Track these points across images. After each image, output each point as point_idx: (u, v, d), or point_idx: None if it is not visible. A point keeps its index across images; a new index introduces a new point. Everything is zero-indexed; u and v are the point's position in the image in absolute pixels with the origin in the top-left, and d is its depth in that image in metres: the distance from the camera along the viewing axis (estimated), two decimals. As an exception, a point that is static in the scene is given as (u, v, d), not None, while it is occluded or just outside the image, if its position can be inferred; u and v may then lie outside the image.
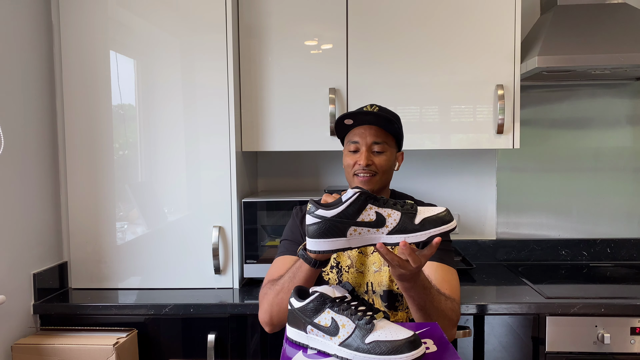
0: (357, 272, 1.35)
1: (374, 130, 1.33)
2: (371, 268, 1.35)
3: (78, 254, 1.90)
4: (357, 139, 1.34)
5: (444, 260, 1.35)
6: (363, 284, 1.34)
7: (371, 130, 1.33)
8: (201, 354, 1.73)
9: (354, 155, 1.35)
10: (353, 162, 1.34)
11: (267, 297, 1.26)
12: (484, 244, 2.29)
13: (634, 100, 2.25)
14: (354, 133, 1.35)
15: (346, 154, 1.37)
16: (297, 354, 0.94)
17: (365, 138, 1.33)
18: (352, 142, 1.35)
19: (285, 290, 1.20)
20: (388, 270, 1.34)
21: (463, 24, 1.91)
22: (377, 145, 1.33)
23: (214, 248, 1.84)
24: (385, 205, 0.97)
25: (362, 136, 1.33)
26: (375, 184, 1.34)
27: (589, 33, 1.91)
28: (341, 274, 1.35)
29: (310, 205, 0.99)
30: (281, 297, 1.22)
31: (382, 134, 1.34)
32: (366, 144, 1.33)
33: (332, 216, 0.96)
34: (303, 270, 1.16)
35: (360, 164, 1.32)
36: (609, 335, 1.65)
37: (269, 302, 1.25)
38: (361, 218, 0.96)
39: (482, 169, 2.30)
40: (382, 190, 1.39)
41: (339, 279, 1.35)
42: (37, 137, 1.82)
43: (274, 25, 1.94)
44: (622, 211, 2.28)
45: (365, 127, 1.34)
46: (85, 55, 1.85)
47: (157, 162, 1.86)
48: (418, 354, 0.85)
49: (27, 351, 1.63)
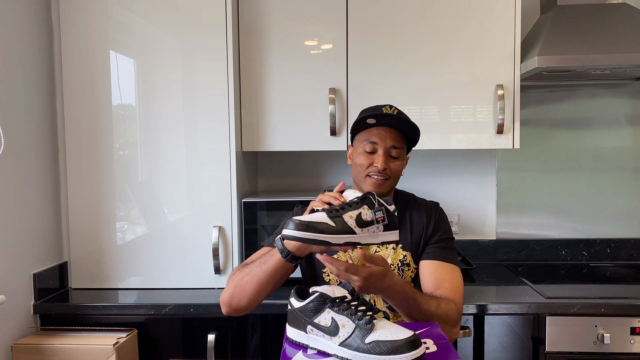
0: None
1: (394, 134, 1.32)
2: None
3: (78, 254, 1.90)
4: (376, 140, 1.32)
5: (446, 258, 1.35)
6: None
7: (391, 134, 1.32)
8: (201, 354, 1.73)
9: (370, 156, 1.33)
10: (368, 163, 1.33)
11: (233, 279, 1.26)
12: (484, 244, 2.29)
13: (634, 100, 2.25)
14: (372, 133, 1.33)
15: (360, 152, 1.35)
16: (297, 354, 0.95)
17: (385, 141, 1.32)
18: (370, 142, 1.33)
19: (252, 275, 1.21)
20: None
21: (463, 24, 1.91)
22: (395, 150, 1.33)
23: (214, 248, 1.84)
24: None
25: (382, 138, 1.32)
26: (386, 187, 1.35)
27: (589, 33, 1.91)
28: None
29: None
30: (246, 280, 1.22)
31: (401, 139, 1.34)
32: (385, 147, 1.32)
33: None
34: (274, 259, 1.17)
35: (377, 167, 1.31)
36: (609, 335, 1.65)
37: (233, 283, 1.26)
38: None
39: (482, 169, 2.30)
40: (388, 193, 1.40)
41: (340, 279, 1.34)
42: (37, 137, 1.82)
43: (274, 25, 1.94)
44: (622, 211, 2.28)
45: (385, 128, 1.33)
46: (85, 55, 1.85)
47: (157, 162, 1.86)
48: (418, 354, 0.85)
49: (27, 351, 1.63)
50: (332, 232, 1.01)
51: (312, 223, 1.01)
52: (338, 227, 1.01)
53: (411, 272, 1.36)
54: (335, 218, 1.03)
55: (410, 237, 1.38)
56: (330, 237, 1.00)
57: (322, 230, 1.00)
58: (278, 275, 1.20)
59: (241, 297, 1.24)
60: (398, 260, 1.36)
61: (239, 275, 1.25)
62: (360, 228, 1.03)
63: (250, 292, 1.23)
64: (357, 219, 1.03)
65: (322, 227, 1.01)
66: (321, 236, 1.00)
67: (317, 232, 1.00)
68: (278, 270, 1.19)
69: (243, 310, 1.27)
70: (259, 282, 1.21)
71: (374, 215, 1.04)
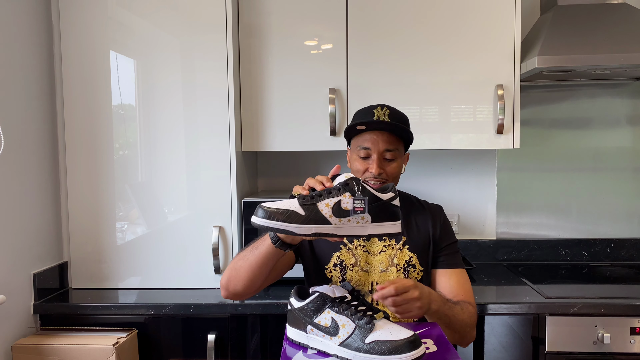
0: (361, 270, 1.35)
1: (386, 136, 1.32)
2: (377, 268, 1.34)
3: (78, 254, 1.90)
4: (369, 145, 1.32)
5: (455, 263, 1.40)
6: (367, 283, 1.34)
7: (383, 137, 1.31)
8: (201, 354, 1.73)
9: (365, 162, 1.33)
10: (364, 169, 1.32)
11: (231, 263, 1.28)
12: (484, 244, 2.29)
13: (634, 100, 2.25)
14: (365, 138, 1.33)
15: (355, 158, 1.35)
16: (297, 354, 0.94)
17: (378, 145, 1.31)
18: (362, 147, 1.32)
19: (245, 259, 1.22)
20: (395, 270, 1.34)
21: (463, 24, 1.91)
22: (389, 152, 1.32)
23: (214, 248, 1.84)
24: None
25: (375, 143, 1.31)
26: None
27: (589, 33, 1.91)
28: (345, 271, 1.34)
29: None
30: (240, 264, 1.23)
31: (394, 140, 1.33)
32: (378, 151, 1.31)
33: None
34: (265, 244, 1.17)
35: (371, 172, 1.30)
36: (609, 335, 1.65)
37: (230, 267, 1.27)
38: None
39: (482, 169, 2.30)
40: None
41: (343, 276, 1.34)
42: (37, 137, 1.82)
43: (274, 25, 1.94)
44: (622, 211, 2.28)
45: (377, 133, 1.32)
46: (85, 55, 1.85)
47: (157, 162, 1.86)
48: (418, 354, 0.85)
49: (27, 351, 1.62)
50: (298, 221, 0.93)
51: (277, 210, 0.95)
52: (307, 215, 0.94)
53: (417, 274, 1.37)
54: (306, 205, 0.95)
55: (417, 239, 1.39)
56: (295, 227, 0.93)
57: (286, 219, 0.93)
58: (271, 261, 1.19)
59: (237, 282, 1.25)
60: (404, 261, 1.36)
61: (236, 259, 1.26)
62: (337, 218, 0.94)
63: (244, 276, 1.23)
64: (335, 207, 0.94)
65: (287, 215, 0.94)
66: (284, 225, 0.94)
67: (279, 221, 0.94)
68: (270, 256, 1.18)
69: (240, 295, 1.27)
70: (251, 267, 1.21)
71: (353, 205, 0.94)
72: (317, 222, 0.94)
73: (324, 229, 0.94)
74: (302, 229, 0.94)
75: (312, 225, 0.94)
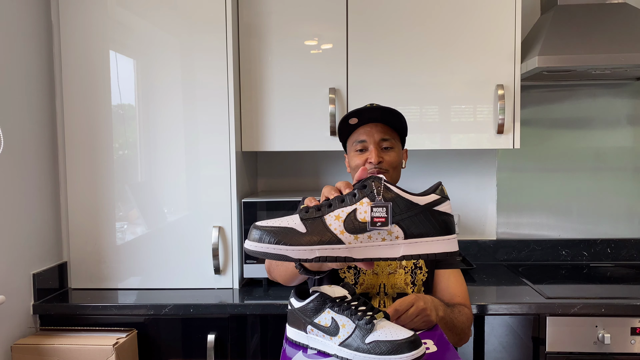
0: (372, 273, 1.34)
1: (380, 127, 1.31)
2: (386, 270, 1.33)
3: (78, 254, 1.90)
4: (364, 137, 1.31)
5: (453, 264, 1.41)
6: (376, 285, 1.33)
7: (377, 127, 1.31)
8: (201, 354, 1.72)
9: (363, 155, 1.31)
10: (362, 162, 1.31)
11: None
12: (484, 244, 2.29)
13: (634, 100, 2.25)
14: (359, 132, 1.33)
15: (353, 154, 1.34)
16: (297, 354, 0.94)
17: (373, 135, 1.30)
18: (358, 141, 1.32)
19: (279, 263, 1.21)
20: (403, 272, 1.33)
21: (463, 24, 1.91)
22: (385, 141, 1.31)
23: (214, 248, 1.84)
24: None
25: (369, 134, 1.31)
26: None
27: (589, 33, 1.91)
28: (359, 275, 1.33)
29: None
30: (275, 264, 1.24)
31: (389, 130, 1.32)
32: (374, 141, 1.30)
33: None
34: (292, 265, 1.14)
35: (371, 162, 1.29)
36: (609, 336, 1.65)
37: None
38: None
39: (482, 169, 2.30)
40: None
41: (356, 279, 1.33)
42: (37, 137, 1.82)
43: (274, 25, 1.94)
44: (623, 211, 2.28)
45: (371, 125, 1.32)
46: (85, 55, 1.85)
47: (157, 162, 1.86)
48: (418, 354, 0.85)
49: (26, 351, 1.62)
50: (296, 242, 0.71)
51: (271, 229, 0.73)
52: (309, 233, 0.71)
53: (422, 276, 1.36)
54: (309, 220, 0.72)
55: None
56: (291, 250, 0.71)
57: (280, 240, 0.71)
58: (299, 279, 1.16)
59: (274, 276, 1.26)
60: (412, 263, 1.35)
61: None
62: (352, 234, 0.70)
63: (279, 277, 1.24)
64: (348, 220, 0.71)
65: (282, 235, 0.72)
66: (277, 249, 0.71)
67: (271, 243, 0.72)
68: (297, 276, 1.13)
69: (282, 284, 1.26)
70: (285, 272, 1.18)
71: (371, 214, 0.69)
72: (322, 241, 0.71)
73: (332, 251, 0.71)
74: (301, 253, 0.71)
75: (316, 246, 0.71)
